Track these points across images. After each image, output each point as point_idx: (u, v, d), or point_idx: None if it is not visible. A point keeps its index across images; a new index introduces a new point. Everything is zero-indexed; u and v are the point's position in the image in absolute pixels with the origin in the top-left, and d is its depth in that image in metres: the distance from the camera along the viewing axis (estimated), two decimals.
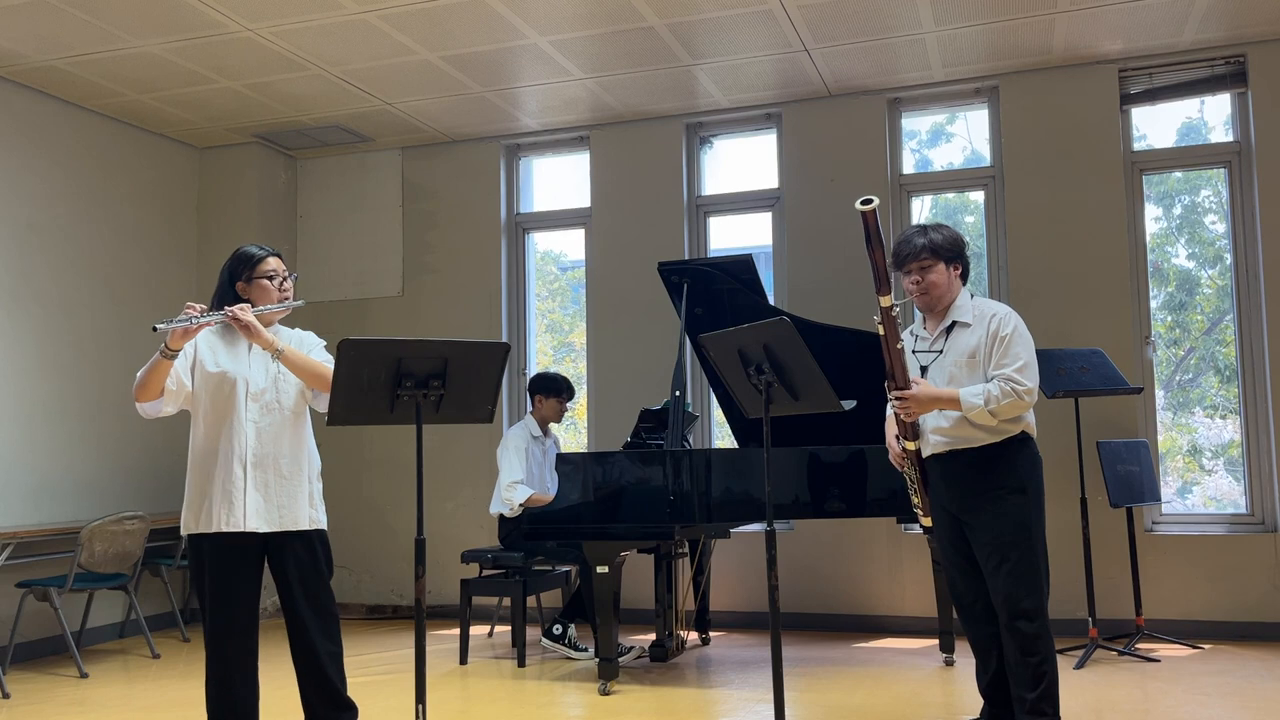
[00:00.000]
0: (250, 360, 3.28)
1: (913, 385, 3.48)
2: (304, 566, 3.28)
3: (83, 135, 6.38)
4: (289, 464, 3.28)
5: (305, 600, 3.28)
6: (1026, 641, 3.38)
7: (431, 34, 5.44)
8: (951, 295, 3.58)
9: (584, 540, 4.69)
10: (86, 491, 6.22)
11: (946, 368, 3.53)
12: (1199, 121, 6.22)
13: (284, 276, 3.37)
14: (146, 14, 5.13)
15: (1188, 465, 6.24)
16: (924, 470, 3.65)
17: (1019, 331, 3.45)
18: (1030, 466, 3.48)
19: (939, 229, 3.59)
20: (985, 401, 3.35)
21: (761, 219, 6.79)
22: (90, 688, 5.05)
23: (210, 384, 3.25)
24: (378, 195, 7.35)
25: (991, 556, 3.44)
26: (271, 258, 3.37)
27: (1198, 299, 6.23)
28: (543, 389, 5.77)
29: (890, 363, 3.46)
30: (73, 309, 6.23)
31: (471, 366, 3.09)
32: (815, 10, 5.25)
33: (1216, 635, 5.57)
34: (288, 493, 3.26)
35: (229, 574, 3.23)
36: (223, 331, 3.34)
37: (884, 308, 3.40)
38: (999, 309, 3.52)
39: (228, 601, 3.23)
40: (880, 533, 6.14)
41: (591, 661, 5.25)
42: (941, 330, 3.59)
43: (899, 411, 3.51)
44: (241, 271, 3.34)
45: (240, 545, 3.23)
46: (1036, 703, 3.36)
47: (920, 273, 3.56)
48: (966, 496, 3.50)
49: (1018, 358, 3.39)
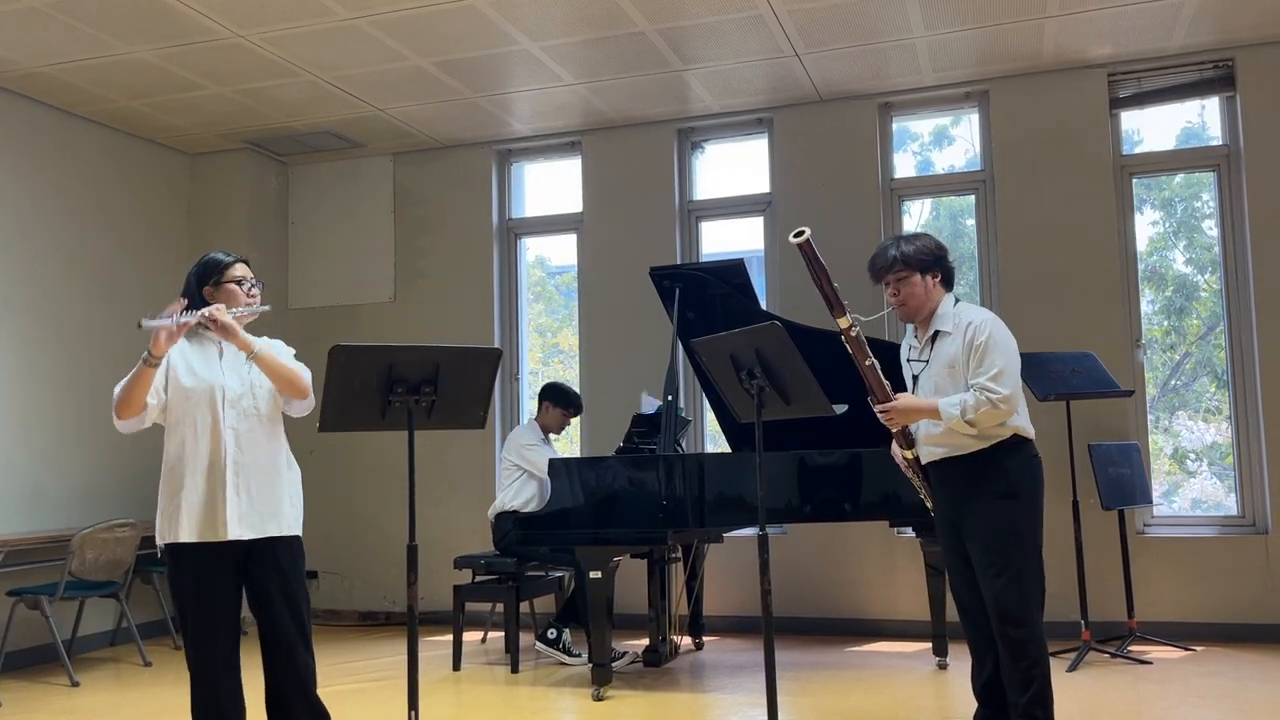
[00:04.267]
0: (224, 367, 3.25)
1: (894, 397, 3.51)
2: (285, 573, 3.23)
3: (73, 142, 6.37)
4: (269, 469, 3.24)
5: (287, 608, 3.21)
6: (1016, 646, 3.38)
7: (423, 40, 5.44)
8: (931, 304, 3.58)
9: (577, 545, 4.69)
10: (77, 499, 6.19)
11: (933, 377, 3.55)
12: (1191, 125, 6.25)
13: (251, 282, 3.35)
14: (137, 20, 5.12)
15: (1172, 469, 6.25)
16: (927, 474, 3.67)
17: (994, 338, 3.42)
18: (1023, 471, 3.47)
19: (912, 239, 3.61)
20: (961, 412, 3.36)
21: (753, 223, 6.80)
22: (82, 696, 5.03)
23: (185, 393, 3.21)
24: (369, 201, 7.34)
25: (983, 561, 3.45)
26: (239, 264, 3.37)
27: (1194, 304, 6.25)
28: (552, 398, 5.78)
29: (865, 380, 3.49)
30: (64, 316, 6.21)
31: (463, 372, 3.09)
32: (805, 15, 5.26)
33: (1208, 637, 5.58)
34: (269, 498, 3.22)
35: (212, 583, 3.19)
36: (193, 340, 3.30)
37: (843, 330, 3.45)
38: (976, 316, 3.51)
39: (212, 611, 3.19)
40: (873, 536, 6.14)
41: (585, 667, 5.25)
42: (927, 339, 3.61)
43: (885, 423, 3.56)
44: (209, 276, 3.33)
45: (221, 553, 3.18)
46: (1027, 707, 3.37)
47: (896, 284, 3.58)
48: (960, 501, 3.51)
49: (992, 365, 3.38)
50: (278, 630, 3.21)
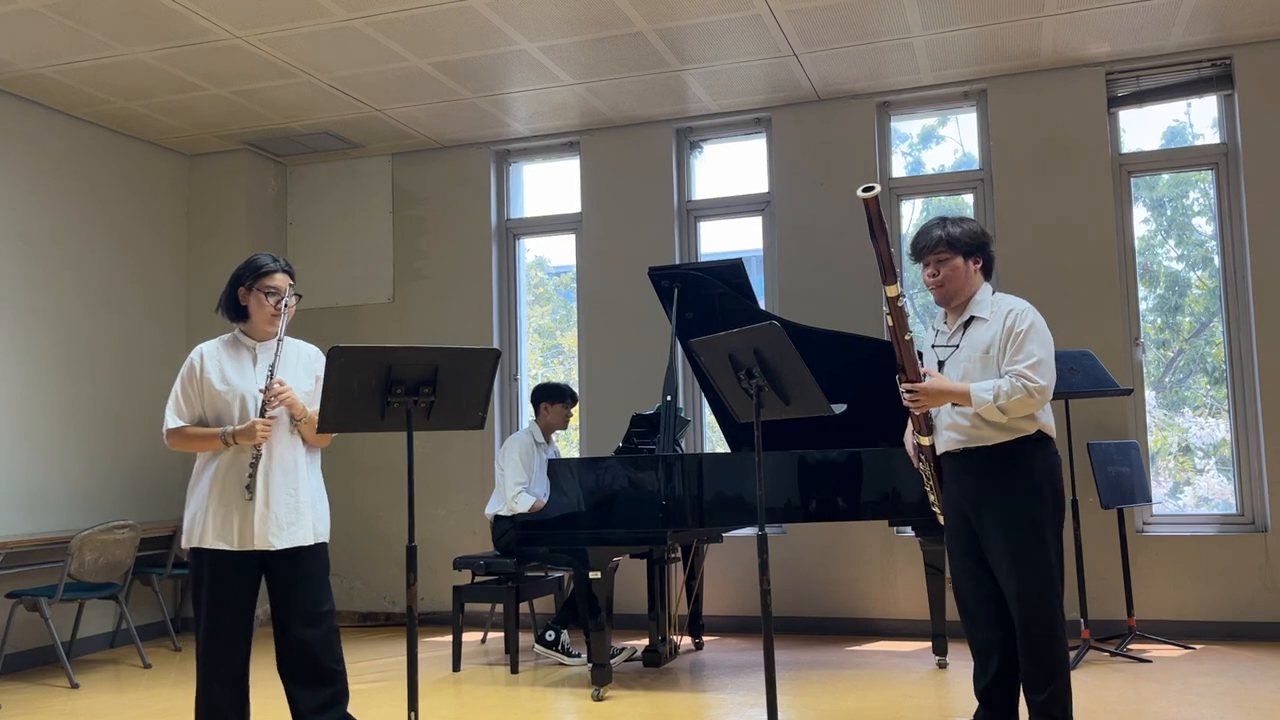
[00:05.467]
0: (257, 375, 3.30)
1: (925, 377, 3.42)
2: (307, 582, 3.28)
3: (71, 144, 6.36)
4: (295, 477, 3.30)
5: (310, 616, 3.27)
6: (1037, 644, 3.32)
7: (420, 40, 5.44)
8: (970, 289, 3.50)
9: (577, 546, 4.69)
10: (76, 501, 6.19)
11: (961, 363, 3.45)
12: (1180, 124, 6.25)
13: (283, 295, 3.34)
14: (134, 21, 5.12)
15: (1180, 465, 6.25)
16: (939, 467, 3.58)
17: (1036, 328, 3.34)
18: (1046, 468, 3.40)
19: (959, 221, 3.52)
20: (994, 397, 3.27)
21: (752, 223, 6.80)
22: (81, 698, 5.03)
23: (220, 401, 3.27)
24: (368, 201, 7.34)
25: (1004, 558, 3.37)
26: (279, 273, 3.35)
27: (1187, 300, 6.25)
28: (547, 397, 5.79)
29: (899, 354, 3.39)
30: (63, 317, 6.21)
31: (462, 373, 3.09)
32: (803, 15, 5.26)
33: (1208, 635, 5.58)
34: (295, 507, 3.28)
35: (233, 588, 3.22)
36: (228, 346, 3.36)
37: (890, 298, 3.34)
38: (1017, 304, 3.42)
39: (228, 617, 3.22)
40: (873, 536, 6.14)
41: (585, 667, 5.25)
42: (959, 325, 3.52)
43: (909, 404, 3.44)
44: (246, 278, 3.35)
45: (244, 560, 3.23)
46: (1045, 705, 3.31)
47: (936, 265, 3.49)
48: (979, 495, 3.43)
49: (1031, 355, 3.30)
50: (298, 640, 3.25)
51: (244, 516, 3.20)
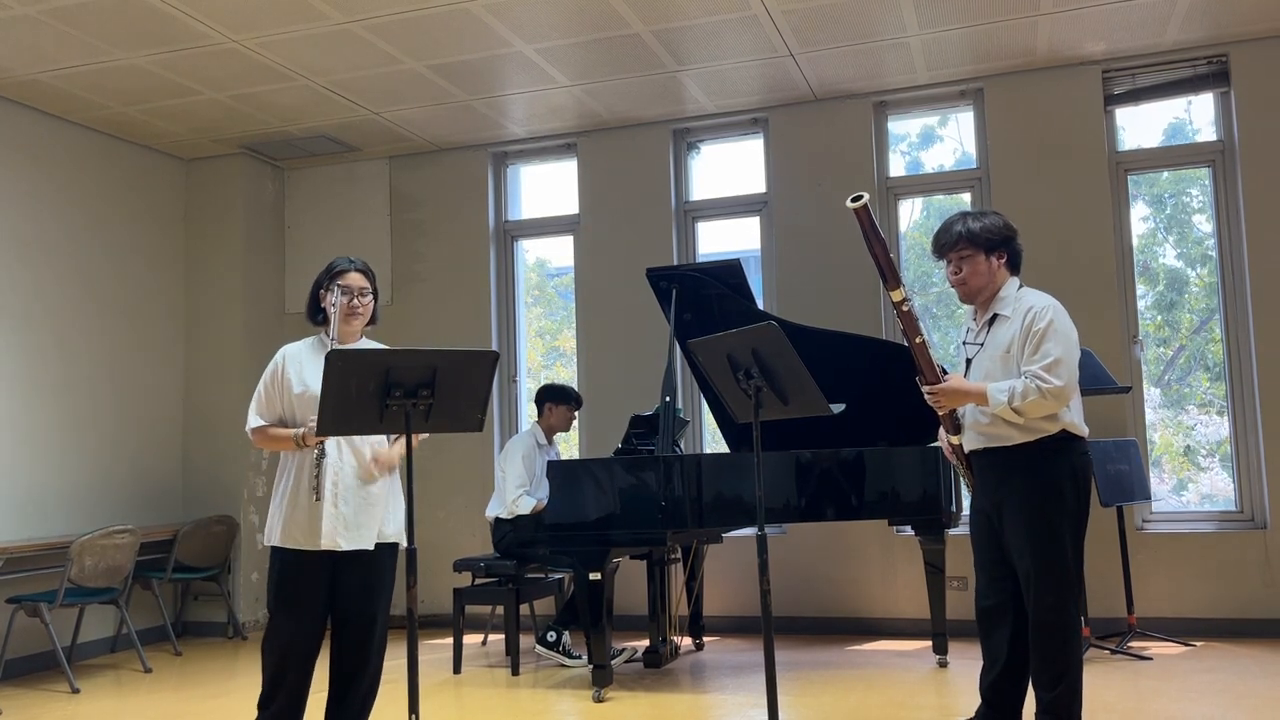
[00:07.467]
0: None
1: (944, 379, 3.39)
2: (373, 582, 3.40)
3: (68, 148, 6.36)
4: (367, 480, 3.38)
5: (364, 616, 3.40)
6: (1049, 644, 3.29)
7: (417, 43, 5.44)
8: (994, 287, 3.45)
9: (577, 547, 4.69)
10: (76, 505, 6.19)
11: (985, 362, 3.42)
12: (1180, 121, 6.25)
13: (356, 293, 3.42)
14: (130, 27, 5.12)
15: (1181, 463, 6.25)
16: (970, 463, 3.55)
17: (1054, 326, 3.29)
18: (1068, 468, 3.32)
19: (980, 216, 3.46)
20: (1009, 399, 3.23)
21: (749, 223, 6.80)
22: (82, 703, 5.03)
23: (299, 402, 3.35)
24: (365, 204, 7.34)
25: (1023, 558, 3.34)
26: (353, 272, 3.44)
27: (1186, 297, 6.26)
28: (552, 397, 5.80)
29: (914, 357, 3.37)
30: (60, 322, 6.21)
31: (460, 375, 3.09)
32: (800, 15, 5.26)
33: (1208, 633, 5.59)
34: (366, 509, 3.37)
35: (303, 586, 3.31)
36: (312, 348, 3.45)
37: (895, 303, 3.31)
38: (1038, 301, 3.37)
39: (297, 614, 3.31)
40: (873, 535, 6.14)
41: (586, 669, 5.25)
42: (985, 322, 3.48)
43: (932, 405, 3.42)
44: (324, 280, 3.46)
45: (316, 560, 3.31)
46: (1051, 704, 3.28)
47: (958, 262, 3.44)
48: (1000, 495, 3.40)
49: (1048, 354, 3.24)
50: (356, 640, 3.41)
51: (313, 516, 3.29)
